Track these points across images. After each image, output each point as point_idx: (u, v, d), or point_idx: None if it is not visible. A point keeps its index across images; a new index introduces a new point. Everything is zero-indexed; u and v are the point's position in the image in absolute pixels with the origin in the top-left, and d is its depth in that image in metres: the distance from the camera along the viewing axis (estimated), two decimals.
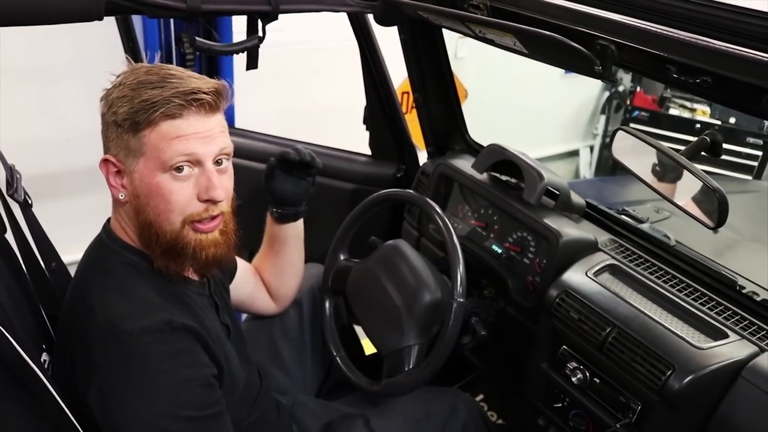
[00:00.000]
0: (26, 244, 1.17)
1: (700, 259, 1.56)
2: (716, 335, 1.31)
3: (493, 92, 4.03)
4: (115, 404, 1.01)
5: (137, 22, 2.28)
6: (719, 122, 4.68)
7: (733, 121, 4.65)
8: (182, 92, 1.04)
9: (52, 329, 1.19)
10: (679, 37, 1.02)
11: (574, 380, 1.46)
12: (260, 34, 1.51)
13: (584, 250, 1.59)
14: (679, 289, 1.46)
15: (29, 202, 1.18)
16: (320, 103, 3.27)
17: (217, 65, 2.58)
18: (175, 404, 1.03)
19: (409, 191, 1.74)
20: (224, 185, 1.12)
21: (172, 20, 2.41)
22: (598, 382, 1.42)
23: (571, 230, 1.60)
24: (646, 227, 1.75)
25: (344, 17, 1.82)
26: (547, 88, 4.32)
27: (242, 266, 1.53)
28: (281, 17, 1.48)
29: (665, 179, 1.26)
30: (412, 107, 2.13)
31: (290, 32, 2.93)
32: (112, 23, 2.08)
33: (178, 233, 1.09)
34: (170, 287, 1.14)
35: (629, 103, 4.91)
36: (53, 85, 2.52)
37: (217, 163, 1.11)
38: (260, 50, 1.55)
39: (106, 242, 1.15)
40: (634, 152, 1.33)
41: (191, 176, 1.08)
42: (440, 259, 1.74)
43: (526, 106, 4.32)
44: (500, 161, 1.75)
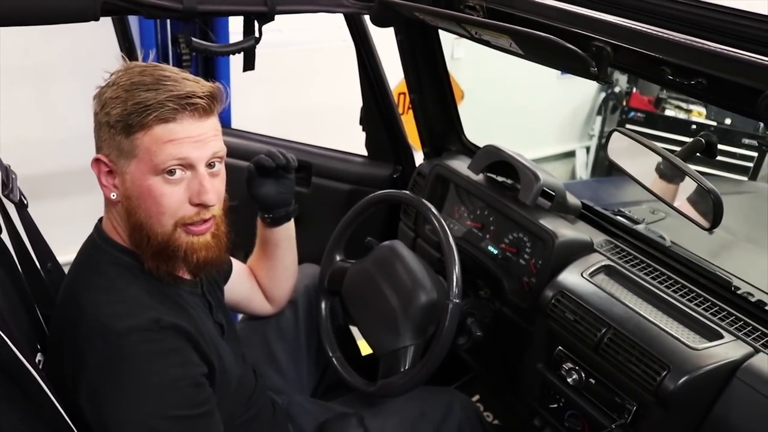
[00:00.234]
0: (22, 244, 1.17)
1: (695, 260, 1.56)
2: (711, 336, 1.31)
3: (489, 93, 4.03)
4: (104, 403, 1.01)
5: (134, 22, 2.28)
6: (715, 123, 4.69)
7: (728, 122, 4.66)
8: (176, 96, 1.03)
9: (47, 329, 1.19)
10: (674, 38, 1.03)
11: (569, 381, 1.46)
12: (257, 34, 1.51)
13: (580, 251, 1.59)
14: (674, 289, 1.46)
15: (25, 202, 1.18)
16: (317, 103, 3.26)
17: (213, 66, 2.57)
18: (163, 403, 1.03)
19: (405, 192, 1.74)
20: (216, 189, 1.11)
21: (168, 21, 2.40)
22: (593, 382, 1.42)
23: (566, 231, 1.60)
24: (641, 228, 1.76)
25: (341, 18, 1.82)
26: (543, 89, 4.32)
27: (238, 267, 1.53)
28: (278, 18, 1.48)
29: (660, 180, 1.26)
30: (408, 108, 2.13)
31: (287, 33, 2.94)
32: (108, 24, 2.08)
33: (169, 236, 1.09)
34: (161, 287, 1.14)
35: (625, 104, 4.91)
36: (49, 85, 2.51)
37: (209, 166, 1.10)
38: (257, 51, 1.55)
39: (97, 242, 1.15)
40: (629, 153, 1.34)
41: (183, 179, 1.08)
42: (436, 259, 1.74)
43: (522, 107, 4.31)
44: (496, 162, 1.75)
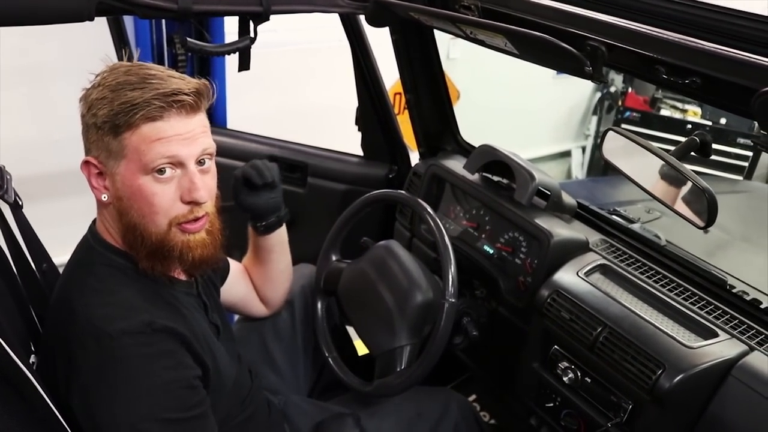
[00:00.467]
0: (16, 245, 1.17)
1: (690, 258, 1.56)
2: (706, 334, 1.32)
3: (485, 93, 4.04)
4: (96, 406, 1.01)
5: (129, 23, 2.28)
6: (710, 123, 4.71)
7: (723, 121, 4.67)
8: (162, 93, 1.03)
9: (42, 330, 1.18)
10: (668, 38, 1.03)
11: (565, 380, 1.46)
12: (252, 34, 1.50)
13: (575, 250, 1.59)
14: (669, 288, 1.47)
15: (20, 203, 1.18)
16: (312, 103, 3.26)
17: (209, 66, 2.57)
18: (156, 406, 1.02)
19: (401, 192, 1.74)
20: (207, 186, 1.11)
21: (163, 21, 2.40)
22: (589, 381, 1.43)
23: (562, 230, 1.60)
24: (636, 227, 1.76)
25: (336, 18, 1.82)
26: (539, 89, 4.33)
27: (234, 268, 1.53)
28: (273, 18, 1.48)
29: (655, 179, 1.26)
30: (404, 108, 2.13)
31: (282, 33, 2.94)
32: (103, 24, 2.07)
33: (164, 235, 1.09)
34: (155, 288, 1.13)
35: (621, 103, 4.93)
36: (44, 86, 2.51)
37: (199, 163, 1.09)
38: (252, 51, 1.55)
39: (90, 243, 1.15)
40: (624, 153, 1.34)
41: (174, 178, 1.07)
42: (432, 259, 1.74)
43: (518, 107, 4.32)
44: (492, 162, 1.75)
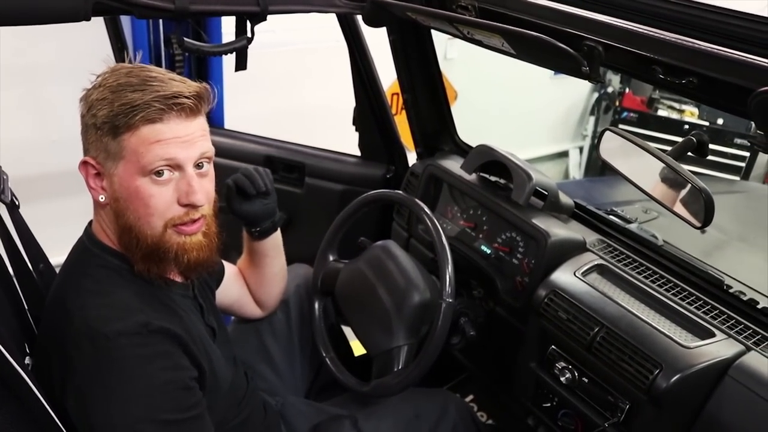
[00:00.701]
0: (13, 245, 1.17)
1: (687, 258, 1.57)
2: (703, 334, 1.32)
3: (482, 93, 4.04)
4: (91, 407, 1.00)
5: (126, 23, 2.27)
6: (707, 123, 4.71)
7: (720, 122, 4.68)
8: (163, 96, 1.03)
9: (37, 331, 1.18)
10: (665, 38, 1.03)
11: (562, 380, 1.46)
12: (249, 34, 1.50)
13: (572, 250, 1.59)
14: (666, 288, 1.47)
15: (16, 203, 1.18)
16: (310, 104, 3.26)
17: (206, 66, 2.57)
18: (152, 407, 1.02)
19: (398, 192, 1.74)
20: (205, 189, 1.11)
21: (161, 21, 2.40)
22: (586, 381, 1.43)
23: (559, 230, 1.60)
24: (634, 227, 1.76)
25: (333, 18, 1.82)
26: (536, 89, 4.33)
27: (229, 271, 1.52)
28: (270, 18, 1.47)
29: (652, 179, 1.26)
30: (401, 109, 2.13)
31: (280, 33, 2.94)
32: (101, 24, 2.07)
33: (160, 237, 1.08)
34: (151, 290, 1.13)
35: (618, 104, 4.93)
36: (41, 86, 2.50)
37: (197, 166, 1.09)
38: (249, 51, 1.55)
39: (87, 245, 1.14)
40: (621, 153, 1.34)
41: (171, 180, 1.07)
42: (429, 259, 1.75)
43: (515, 107, 4.33)
44: (489, 162, 1.75)
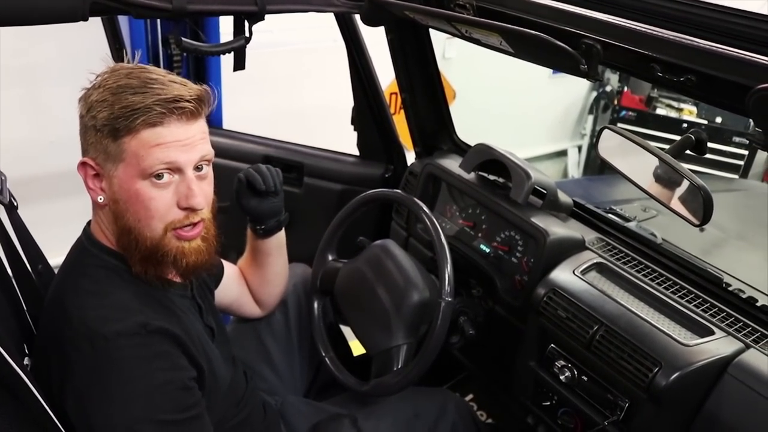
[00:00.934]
0: (12, 246, 1.16)
1: (686, 257, 1.57)
2: (702, 332, 1.32)
3: (481, 92, 4.04)
4: (90, 408, 1.00)
5: (124, 23, 2.27)
6: (706, 121, 4.72)
7: (719, 120, 4.68)
8: (164, 99, 1.02)
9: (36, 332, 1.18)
10: (663, 36, 1.03)
11: (562, 378, 1.46)
12: (247, 34, 1.50)
13: (571, 248, 1.59)
14: (665, 286, 1.47)
15: (15, 204, 1.17)
16: (308, 103, 3.26)
17: (204, 66, 2.57)
18: (151, 408, 1.02)
19: (397, 191, 1.74)
20: (204, 192, 1.11)
21: (158, 21, 2.40)
22: (586, 380, 1.43)
23: (558, 229, 1.60)
24: (633, 226, 1.76)
25: (331, 18, 1.82)
26: (535, 88, 4.33)
27: (229, 270, 1.52)
28: (268, 18, 1.47)
29: (651, 177, 1.26)
30: (400, 108, 2.13)
31: (278, 33, 2.94)
32: (99, 25, 2.07)
33: (159, 240, 1.08)
34: (150, 290, 1.13)
35: (617, 102, 4.93)
36: (39, 86, 2.50)
37: (197, 169, 1.09)
38: (248, 51, 1.55)
39: (85, 245, 1.14)
40: (620, 151, 1.34)
41: (171, 183, 1.07)
42: (428, 258, 1.75)
43: (514, 106, 4.33)
44: (488, 161, 1.75)
